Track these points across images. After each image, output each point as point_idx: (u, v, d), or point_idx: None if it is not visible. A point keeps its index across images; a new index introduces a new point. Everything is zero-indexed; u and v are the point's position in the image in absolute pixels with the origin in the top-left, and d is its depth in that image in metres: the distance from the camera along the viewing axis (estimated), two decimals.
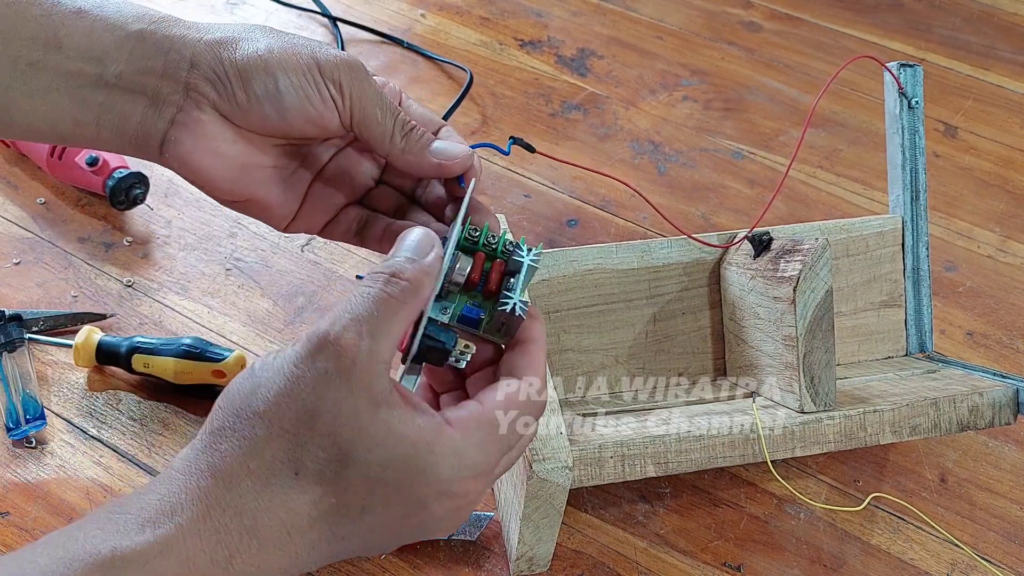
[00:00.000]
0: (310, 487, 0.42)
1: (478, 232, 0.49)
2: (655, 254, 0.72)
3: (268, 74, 0.49)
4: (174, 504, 0.41)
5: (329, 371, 0.42)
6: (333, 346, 0.42)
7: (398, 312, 0.44)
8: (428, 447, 0.43)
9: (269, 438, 0.42)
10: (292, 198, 0.54)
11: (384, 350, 0.43)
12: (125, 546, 0.39)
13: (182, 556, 0.40)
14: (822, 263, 0.64)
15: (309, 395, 0.42)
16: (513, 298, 0.47)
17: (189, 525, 0.40)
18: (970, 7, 1.22)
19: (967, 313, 0.87)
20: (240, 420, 0.42)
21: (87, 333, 0.75)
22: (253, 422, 0.42)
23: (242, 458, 0.42)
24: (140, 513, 0.41)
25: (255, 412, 0.42)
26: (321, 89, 0.49)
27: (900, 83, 0.75)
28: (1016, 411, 0.67)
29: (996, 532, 0.71)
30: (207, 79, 0.49)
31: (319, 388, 0.42)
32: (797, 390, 0.65)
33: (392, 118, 0.51)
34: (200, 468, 0.42)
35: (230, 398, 0.43)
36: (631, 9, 1.18)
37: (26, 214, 0.88)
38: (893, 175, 0.77)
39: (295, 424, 0.42)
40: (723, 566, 0.68)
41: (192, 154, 0.50)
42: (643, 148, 1.01)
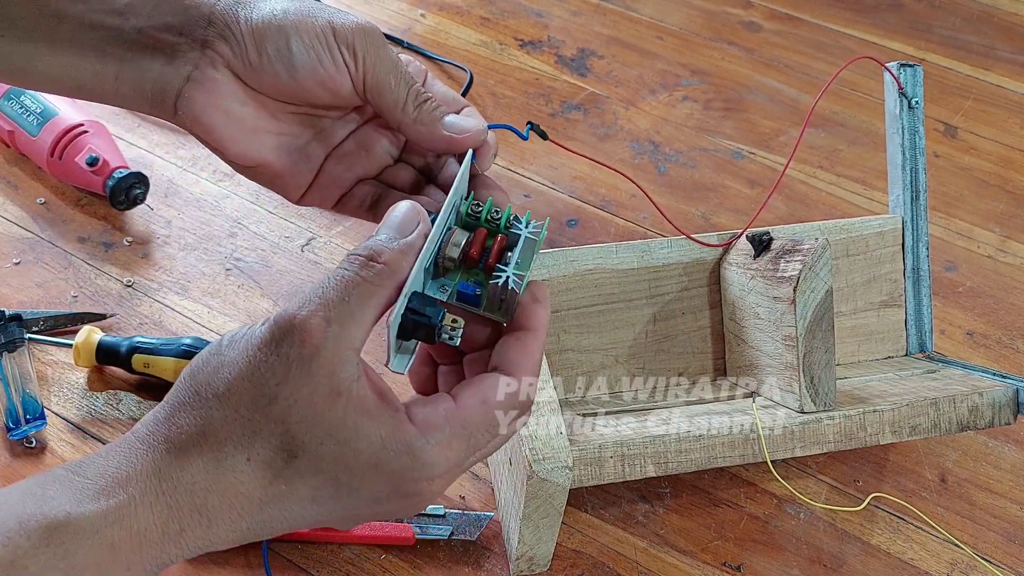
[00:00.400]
0: (260, 473, 0.42)
1: (480, 207, 0.48)
2: (655, 254, 0.72)
3: (281, 34, 0.48)
4: (130, 474, 0.41)
5: (291, 356, 0.41)
6: (298, 331, 0.41)
7: (372, 297, 0.43)
8: (382, 444, 0.42)
9: (224, 421, 0.42)
10: (305, 169, 0.53)
11: (354, 336, 0.42)
12: (79, 512, 0.40)
13: (134, 527, 0.40)
14: (822, 263, 0.64)
15: (268, 380, 0.41)
16: (506, 271, 0.45)
17: (142, 498, 0.41)
18: (970, 7, 1.22)
19: (967, 313, 0.87)
20: (199, 398, 0.42)
21: (87, 333, 0.75)
22: (211, 403, 0.42)
23: (197, 437, 0.42)
24: (97, 479, 0.41)
25: (215, 392, 0.42)
26: (334, 52, 0.49)
27: (900, 83, 0.75)
28: (1016, 411, 0.67)
29: (996, 532, 0.71)
30: (223, 37, 0.49)
31: (279, 373, 0.41)
32: (797, 390, 0.65)
33: (406, 87, 0.50)
34: (158, 440, 0.42)
35: (194, 372, 0.43)
36: (631, 9, 1.18)
37: (26, 214, 0.88)
38: (893, 175, 0.77)
39: (251, 409, 0.42)
40: (723, 566, 0.68)
41: (204, 112, 0.49)
42: (643, 148, 1.01)
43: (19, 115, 0.89)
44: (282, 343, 0.41)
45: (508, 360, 0.45)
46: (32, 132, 0.88)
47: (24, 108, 0.89)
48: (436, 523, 0.68)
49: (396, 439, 0.42)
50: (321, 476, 0.42)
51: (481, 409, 0.44)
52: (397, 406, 0.43)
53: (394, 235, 0.44)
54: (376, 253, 0.43)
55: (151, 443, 0.42)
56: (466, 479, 0.72)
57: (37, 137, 0.88)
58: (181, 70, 0.49)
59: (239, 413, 0.42)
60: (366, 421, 0.42)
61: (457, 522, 0.68)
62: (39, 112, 0.88)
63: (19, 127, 0.89)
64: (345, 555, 0.67)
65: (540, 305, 0.46)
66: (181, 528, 0.41)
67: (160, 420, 0.43)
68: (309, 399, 0.41)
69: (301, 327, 0.41)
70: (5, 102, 0.90)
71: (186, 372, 0.44)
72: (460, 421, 0.44)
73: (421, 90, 0.50)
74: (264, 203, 0.91)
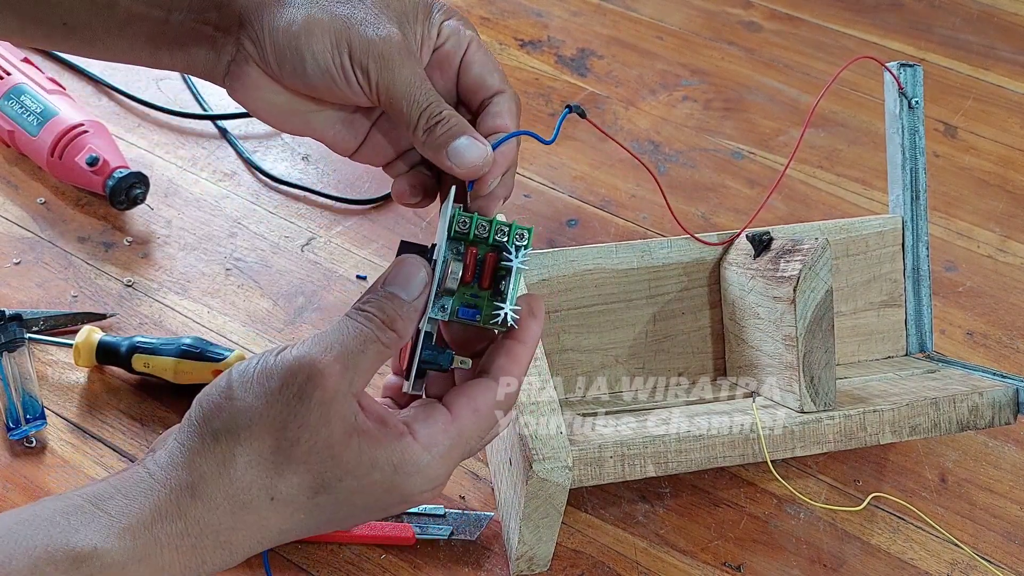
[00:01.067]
0: (283, 509, 0.45)
1: (467, 224, 0.50)
2: (655, 254, 0.72)
3: (295, 50, 0.49)
4: (154, 517, 0.43)
5: (313, 400, 0.44)
6: (319, 378, 0.44)
7: (382, 356, 0.47)
8: (394, 469, 0.46)
9: (248, 465, 0.44)
10: (351, 136, 0.54)
11: (360, 384, 0.46)
12: (106, 547, 0.42)
13: (158, 564, 0.43)
14: (822, 263, 0.64)
15: (290, 424, 0.44)
16: (504, 308, 0.49)
17: (167, 540, 0.43)
18: (970, 7, 1.22)
19: (967, 313, 0.87)
20: (219, 443, 0.44)
21: (87, 333, 0.75)
22: (233, 447, 0.44)
23: (220, 482, 0.44)
24: (121, 518, 0.43)
25: (234, 436, 0.44)
26: (347, 72, 0.49)
27: (900, 83, 0.75)
28: (1016, 411, 0.67)
29: (996, 532, 0.71)
30: (250, 38, 0.50)
31: (299, 418, 0.44)
32: (797, 390, 0.65)
33: (418, 111, 0.50)
34: (180, 484, 0.44)
35: (207, 417, 0.45)
36: (631, 9, 1.18)
37: (26, 214, 0.88)
38: (893, 175, 0.77)
39: (274, 452, 0.44)
40: (723, 566, 0.68)
41: (245, 99, 0.52)
42: (643, 148, 1.01)
43: (19, 115, 0.89)
44: (305, 387, 0.44)
45: (497, 366, 0.49)
46: (32, 132, 0.88)
47: (24, 108, 0.89)
48: (436, 523, 0.68)
49: (406, 462, 0.46)
50: (342, 506, 0.46)
51: (474, 418, 0.48)
52: (401, 430, 0.47)
53: (404, 296, 0.48)
54: (391, 320, 0.47)
55: (172, 487, 0.44)
56: (466, 479, 0.72)
57: (37, 137, 0.88)
58: (223, 58, 0.51)
59: (262, 457, 0.44)
60: (378, 453, 0.46)
61: (457, 522, 0.68)
62: (39, 112, 0.88)
63: (19, 127, 0.89)
64: (345, 555, 0.67)
65: (535, 320, 0.50)
66: (202, 561, 0.44)
67: (178, 464, 0.45)
68: (327, 441, 0.45)
69: (325, 373, 0.44)
70: (5, 102, 0.90)
71: (197, 416, 0.45)
72: (457, 431, 0.48)
73: (434, 112, 0.50)
74: (264, 203, 0.91)
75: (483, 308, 0.50)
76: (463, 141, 0.50)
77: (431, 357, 0.49)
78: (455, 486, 0.71)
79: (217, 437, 0.45)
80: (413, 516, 0.68)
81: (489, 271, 0.50)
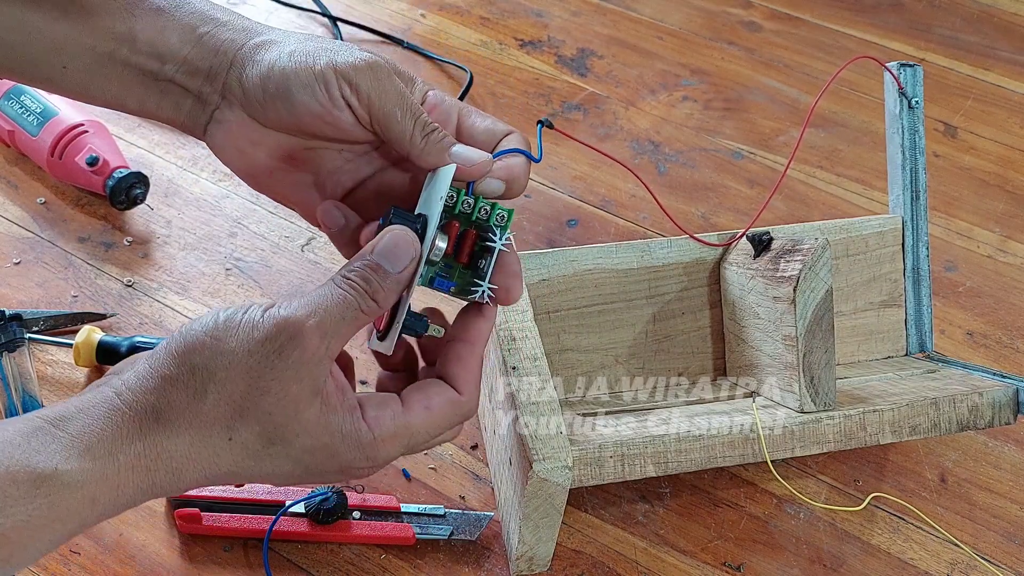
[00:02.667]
0: (237, 451, 0.48)
1: (455, 198, 0.52)
2: (655, 254, 0.72)
3: (283, 75, 0.51)
4: (115, 438, 0.46)
5: (291, 359, 0.47)
6: (300, 338, 0.47)
7: (360, 323, 0.50)
8: (342, 438, 0.50)
9: (216, 403, 0.47)
10: (318, 200, 0.57)
11: (335, 349, 0.49)
12: (66, 468, 0.45)
13: (114, 484, 0.46)
14: (822, 263, 0.64)
15: (265, 374, 0.47)
16: (482, 286, 0.53)
17: (125, 462, 0.46)
18: (970, 7, 1.22)
19: (967, 313, 0.87)
20: (194, 378, 0.47)
21: (87, 333, 0.75)
22: (206, 383, 0.47)
23: (187, 412, 0.47)
24: (82, 437, 0.46)
25: (211, 375, 0.47)
26: (332, 90, 0.51)
27: (900, 83, 0.75)
28: (1016, 411, 0.67)
29: (996, 532, 0.71)
30: (238, 78, 0.53)
31: (275, 371, 0.47)
32: (797, 390, 0.65)
33: (412, 118, 0.52)
34: (145, 409, 0.47)
35: (188, 351, 0.48)
36: (631, 9, 1.18)
37: (26, 214, 0.88)
38: (893, 175, 0.77)
39: (243, 397, 0.47)
40: (723, 566, 0.68)
41: (223, 150, 0.55)
42: (643, 148, 1.01)
43: (19, 115, 0.89)
44: (286, 346, 0.47)
45: (449, 373, 0.53)
46: (32, 132, 0.88)
47: (24, 108, 0.89)
48: (436, 523, 0.68)
49: (351, 434, 0.50)
50: (288, 460, 0.49)
51: (424, 415, 0.52)
52: (354, 404, 0.50)
53: (390, 268, 0.50)
54: (374, 292, 0.49)
55: (138, 410, 0.47)
56: (466, 479, 0.72)
57: (37, 137, 0.88)
58: (206, 109, 0.54)
59: (232, 399, 0.47)
60: (332, 417, 0.49)
61: (457, 522, 0.68)
62: (39, 112, 0.88)
63: (19, 127, 0.89)
64: (345, 555, 0.67)
65: (484, 320, 0.54)
66: (153, 484, 0.47)
67: (148, 389, 0.47)
68: (295, 398, 0.48)
69: (306, 335, 0.47)
70: (5, 102, 0.90)
71: (178, 347, 0.48)
72: (404, 423, 0.51)
73: (428, 120, 0.52)
74: (264, 203, 0.91)
75: (457, 281, 0.53)
76: (461, 147, 0.53)
77: (410, 323, 0.52)
78: (455, 486, 0.71)
79: (194, 371, 0.47)
80: (413, 516, 0.68)
81: (468, 247, 0.53)
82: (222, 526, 0.66)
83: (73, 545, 0.65)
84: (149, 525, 0.67)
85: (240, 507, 0.67)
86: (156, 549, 0.66)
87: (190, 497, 0.67)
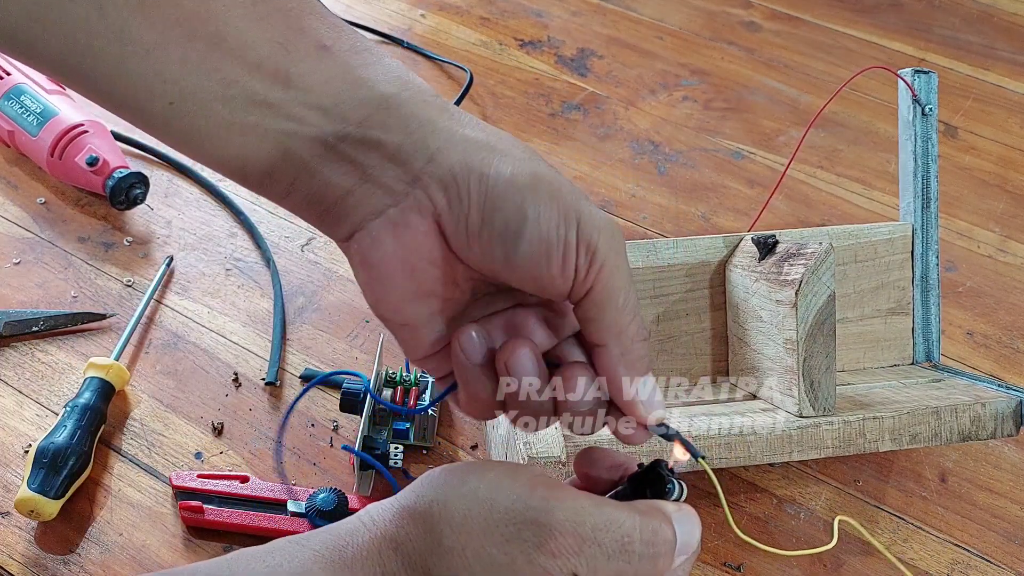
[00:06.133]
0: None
1: (395, 373, 0.73)
2: (660, 254, 0.72)
3: (518, 207, 0.39)
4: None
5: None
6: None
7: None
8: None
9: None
10: (440, 338, 0.44)
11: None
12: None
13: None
14: (824, 268, 0.64)
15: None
16: (423, 404, 0.72)
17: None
18: (970, 7, 1.22)
19: (967, 313, 0.87)
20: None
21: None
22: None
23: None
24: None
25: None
26: (569, 250, 0.40)
27: (914, 90, 0.75)
28: (1018, 423, 0.67)
29: (996, 532, 0.71)
30: (442, 182, 0.40)
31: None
32: (796, 394, 0.65)
33: (631, 314, 0.42)
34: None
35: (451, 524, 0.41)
36: (631, 9, 1.18)
37: (26, 214, 0.88)
38: (904, 182, 0.76)
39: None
40: (723, 566, 0.68)
41: (383, 259, 0.41)
42: (643, 148, 1.01)
43: (19, 115, 0.89)
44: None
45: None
46: (32, 132, 0.88)
47: (24, 108, 0.89)
48: None
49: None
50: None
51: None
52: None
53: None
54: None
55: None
56: None
57: (37, 137, 0.88)
58: (375, 199, 0.41)
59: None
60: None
61: None
62: (39, 112, 0.88)
63: (19, 127, 0.89)
64: None
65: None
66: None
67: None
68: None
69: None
70: (5, 102, 0.90)
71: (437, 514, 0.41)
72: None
73: (642, 326, 0.43)
74: (264, 203, 0.91)
75: (411, 425, 0.72)
76: (651, 379, 0.43)
77: (376, 445, 0.70)
78: None
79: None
80: None
81: (413, 400, 0.73)
82: (224, 520, 0.66)
83: (73, 545, 0.65)
84: (149, 526, 0.67)
85: (242, 503, 0.67)
86: (157, 550, 0.66)
87: (195, 490, 0.67)
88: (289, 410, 0.71)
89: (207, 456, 0.71)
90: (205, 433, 0.72)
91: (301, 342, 0.79)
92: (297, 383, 0.76)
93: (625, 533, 0.42)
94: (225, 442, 0.72)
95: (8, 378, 0.75)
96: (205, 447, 0.71)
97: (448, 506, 0.41)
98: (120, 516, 0.67)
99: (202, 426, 0.73)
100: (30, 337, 0.77)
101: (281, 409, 0.74)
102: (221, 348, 0.78)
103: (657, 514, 0.43)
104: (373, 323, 0.80)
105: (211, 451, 0.71)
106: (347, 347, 0.79)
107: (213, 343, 0.78)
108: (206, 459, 0.71)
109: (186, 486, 0.67)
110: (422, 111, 0.40)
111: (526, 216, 0.39)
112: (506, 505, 0.41)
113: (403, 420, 0.71)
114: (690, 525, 0.45)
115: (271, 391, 0.75)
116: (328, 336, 0.80)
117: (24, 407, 0.73)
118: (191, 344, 0.78)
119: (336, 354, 0.78)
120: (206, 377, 0.76)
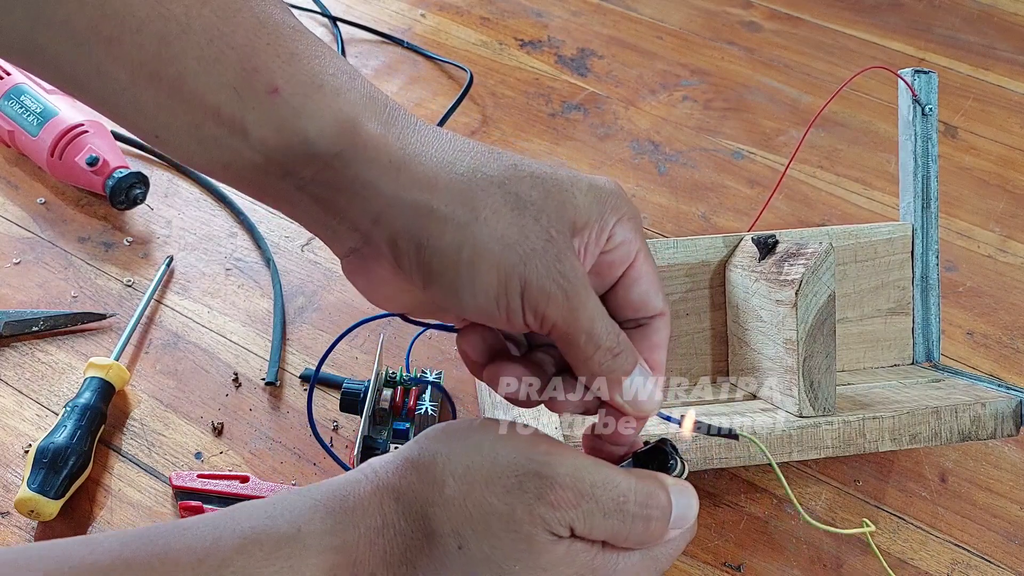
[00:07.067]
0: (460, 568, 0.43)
1: (395, 373, 0.73)
2: (660, 254, 0.72)
3: (453, 282, 0.42)
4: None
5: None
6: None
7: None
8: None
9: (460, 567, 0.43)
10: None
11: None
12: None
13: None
14: (825, 268, 0.64)
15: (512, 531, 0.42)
16: (424, 404, 0.72)
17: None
18: (970, 7, 1.22)
19: (967, 313, 0.87)
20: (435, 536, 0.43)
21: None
22: (446, 542, 0.43)
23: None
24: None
25: (451, 530, 0.43)
26: (514, 312, 0.42)
27: (914, 90, 0.75)
28: (1019, 423, 0.67)
29: (996, 532, 0.71)
30: (388, 243, 0.42)
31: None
32: (796, 394, 0.65)
33: (594, 348, 0.44)
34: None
35: (434, 497, 0.43)
36: (631, 9, 1.18)
37: (26, 214, 0.88)
38: (904, 182, 0.76)
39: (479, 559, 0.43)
40: (723, 566, 0.68)
41: (368, 281, 0.46)
42: (643, 148, 1.01)
43: (19, 115, 0.89)
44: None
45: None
46: (32, 132, 0.88)
47: (24, 108, 0.89)
48: None
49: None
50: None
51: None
52: None
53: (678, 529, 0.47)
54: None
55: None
56: None
57: (37, 137, 0.88)
58: (347, 238, 0.44)
59: (470, 558, 0.43)
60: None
61: None
62: (39, 112, 0.88)
63: (19, 127, 0.89)
64: None
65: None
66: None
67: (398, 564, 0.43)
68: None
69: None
70: (5, 102, 0.90)
71: (425, 504, 0.43)
72: None
73: (612, 346, 0.44)
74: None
75: (411, 424, 0.72)
76: (637, 379, 0.45)
77: (371, 444, 0.69)
78: None
79: (430, 535, 0.43)
80: None
81: (413, 400, 0.73)
82: None
83: None
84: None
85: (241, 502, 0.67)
86: None
87: (195, 490, 0.67)
88: (309, 409, 0.70)
89: (207, 456, 0.71)
90: (205, 433, 0.72)
91: (301, 342, 0.79)
92: (297, 383, 0.76)
93: (621, 493, 0.44)
94: (225, 442, 0.72)
95: (8, 378, 0.75)
96: (205, 447, 0.71)
97: (452, 458, 0.43)
98: (120, 516, 0.67)
99: (202, 426, 0.73)
100: (30, 337, 0.77)
101: (281, 409, 0.74)
102: (221, 348, 0.78)
103: (654, 481, 0.46)
104: (373, 323, 0.80)
105: (211, 451, 0.71)
106: (347, 347, 0.79)
107: (213, 343, 0.78)
108: (206, 459, 0.71)
109: (186, 486, 0.67)
110: (366, 172, 0.41)
111: (461, 288, 0.42)
112: (509, 458, 0.43)
113: (403, 420, 0.71)
114: (687, 499, 0.47)
115: (271, 391, 0.75)
116: (328, 336, 0.80)
117: (24, 407, 0.73)
118: (191, 344, 0.78)
119: (336, 354, 0.78)
120: (206, 377, 0.76)
